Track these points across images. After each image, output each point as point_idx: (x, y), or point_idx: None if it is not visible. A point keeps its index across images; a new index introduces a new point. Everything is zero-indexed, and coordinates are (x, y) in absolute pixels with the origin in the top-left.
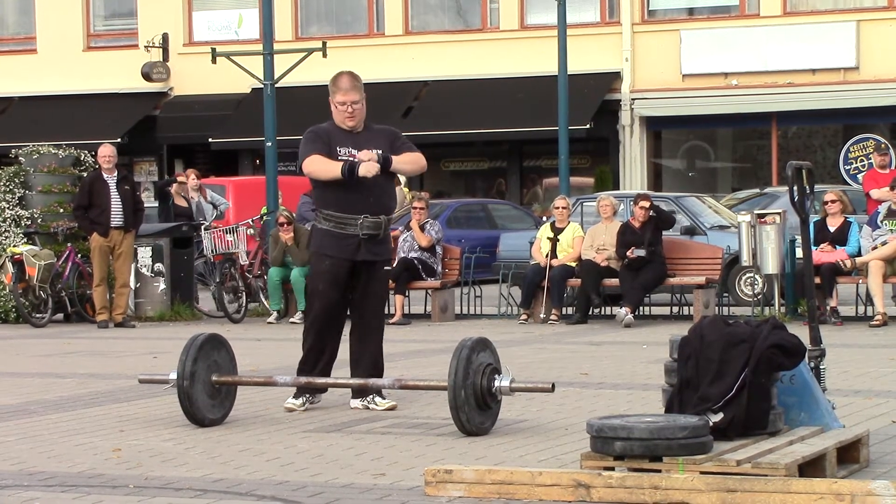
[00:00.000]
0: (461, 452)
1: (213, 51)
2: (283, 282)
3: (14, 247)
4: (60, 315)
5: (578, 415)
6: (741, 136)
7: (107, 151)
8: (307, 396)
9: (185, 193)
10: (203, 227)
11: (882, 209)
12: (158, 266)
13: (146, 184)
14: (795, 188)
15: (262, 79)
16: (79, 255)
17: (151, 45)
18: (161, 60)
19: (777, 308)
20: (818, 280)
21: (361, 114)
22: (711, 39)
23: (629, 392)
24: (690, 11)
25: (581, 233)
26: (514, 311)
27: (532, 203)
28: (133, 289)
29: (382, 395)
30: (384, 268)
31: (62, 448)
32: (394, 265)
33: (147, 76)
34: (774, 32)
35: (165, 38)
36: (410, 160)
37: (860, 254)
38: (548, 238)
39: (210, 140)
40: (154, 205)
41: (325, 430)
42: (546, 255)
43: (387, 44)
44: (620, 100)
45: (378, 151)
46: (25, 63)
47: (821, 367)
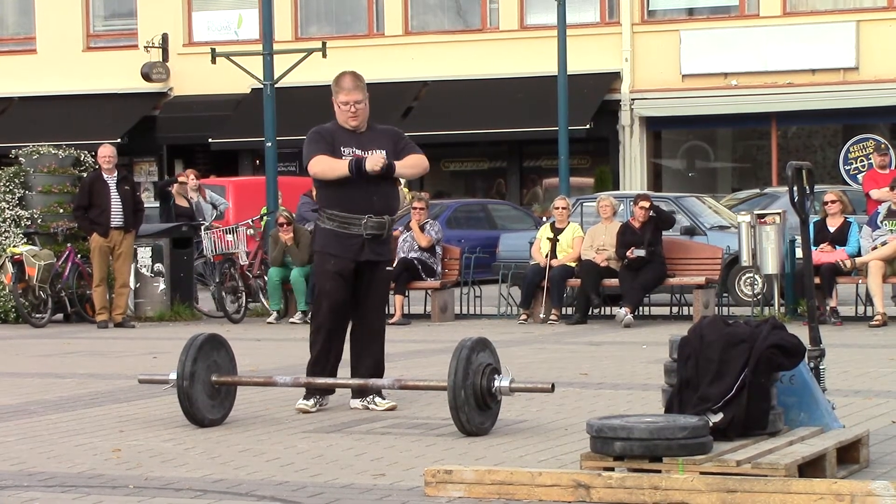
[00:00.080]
0: (461, 453)
1: (213, 51)
2: (283, 282)
3: (14, 247)
4: (60, 315)
5: (578, 415)
6: (741, 137)
7: (107, 152)
8: (318, 398)
9: (186, 193)
10: (203, 228)
11: (882, 209)
12: (158, 266)
13: (146, 184)
14: (795, 188)
15: (262, 79)
16: (78, 256)
17: (151, 46)
18: (161, 61)
19: (777, 308)
20: (818, 280)
21: (364, 113)
22: (711, 39)
23: (629, 392)
24: (690, 12)
25: (581, 233)
26: (514, 312)
27: (532, 203)
28: (133, 289)
29: (382, 396)
30: (386, 268)
31: (62, 448)
32: (394, 265)
33: (147, 76)
34: (774, 32)
35: (165, 39)
36: (413, 163)
37: (860, 254)
38: (547, 238)
39: (210, 140)
40: (154, 205)
41: (325, 431)
42: (546, 256)
43: (386, 44)
44: (620, 100)
45: (382, 152)
46: (25, 63)
47: (820, 368)
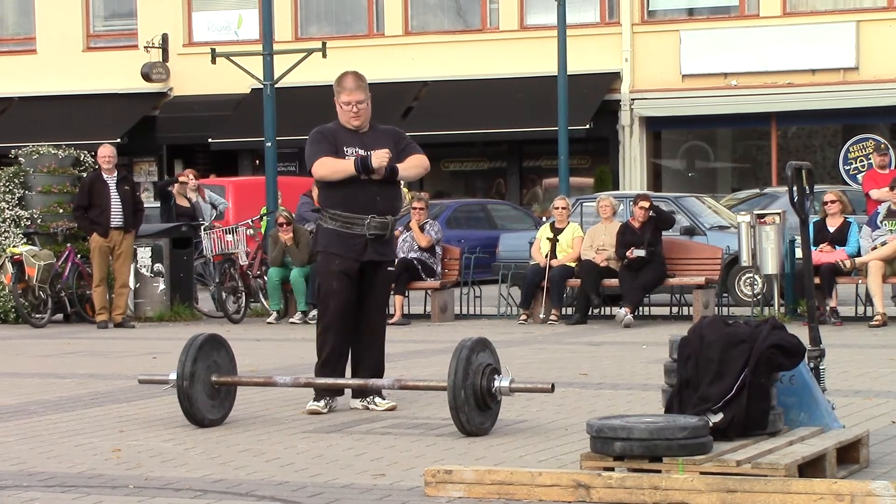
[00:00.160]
0: (461, 453)
1: (213, 51)
2: (283, 282)
3: (14, 247)
4: (60, 315)
5: (578, 415)
6: (741, 137)
7: (106, 152)
8: (328, 399)
9: (187, 193)
10: (203, 228)
11: (882, 209)
12: (158, 266)
13: (146, 184)
14: (795, 188)
15: (262, 79)
16: (78, 256)
17: (151, 46)
18: (161, 61)
19: (777, 308)
20: (818, 280)
21: (367, 113)
22: (711, 40)
23: (629, 392)
24: (690, 12)
25: (581, 233)
26: (514, 312)
27: (532, 203)
28: (133, 289)
29: (382, 396)
30: (388, 268)
31: (62, 448)
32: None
33: (147, 76)
34: (774, 33)
35: (165, 39)
36: (414, 165)
37: (860, 254)
38: (547, 238)
39: (210, 140)
40: (154, 205)
41: (325, 431)
42: (546, 256)
43: (386, 44)
44: (620, 100)
45: (386, 152)
46: (25, 63)
47: (820, 368)
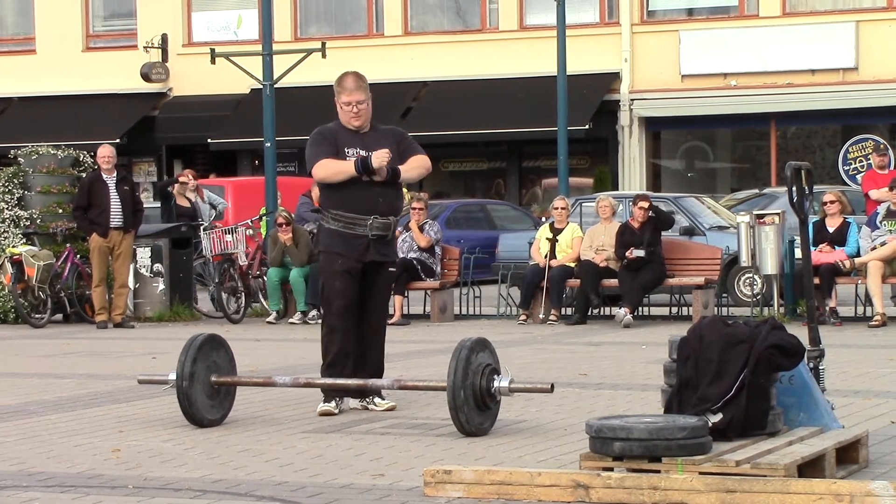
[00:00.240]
0: (460, 453)
1: (213, 51)
2: (283, 282)
3: (13, 247)
4: (59, 315)
5: (577, 415)
6: (740, 137)
7: (106, 152)
8: (338, 399)
9: (186, 193)
10: (202, 228)
11: (881, 210)
12: (157, 266)
13: (145, 184)
14: (794, 189)
15: (262, 79)
16: (78, 256)
17: (151, 46)
18: (160, 61)
19: (776, 308)
20: (817, 280)
21: (367, 113)
22: (710, 40)
23: (628, 392)
24: (689, 12)
25: (580, 233)
26: (514, 312)
27: (531, 203)
28: (132, 289)
29: (382, 396)
30: (390, 269)
31: (61, 448)
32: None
33: (146, 77)
34: (774, 33)
35: (164, 39)
36: (416, 166)
37: (859, 254)
38: (547, 238)
39: (209, 140)
40: (154, 205)
41: (325, 431)
42: (545, 256)
43: (386, 44)
44: (619, 100)
45: (386, 152)
46: (25, 63)
47: (820, 368)
